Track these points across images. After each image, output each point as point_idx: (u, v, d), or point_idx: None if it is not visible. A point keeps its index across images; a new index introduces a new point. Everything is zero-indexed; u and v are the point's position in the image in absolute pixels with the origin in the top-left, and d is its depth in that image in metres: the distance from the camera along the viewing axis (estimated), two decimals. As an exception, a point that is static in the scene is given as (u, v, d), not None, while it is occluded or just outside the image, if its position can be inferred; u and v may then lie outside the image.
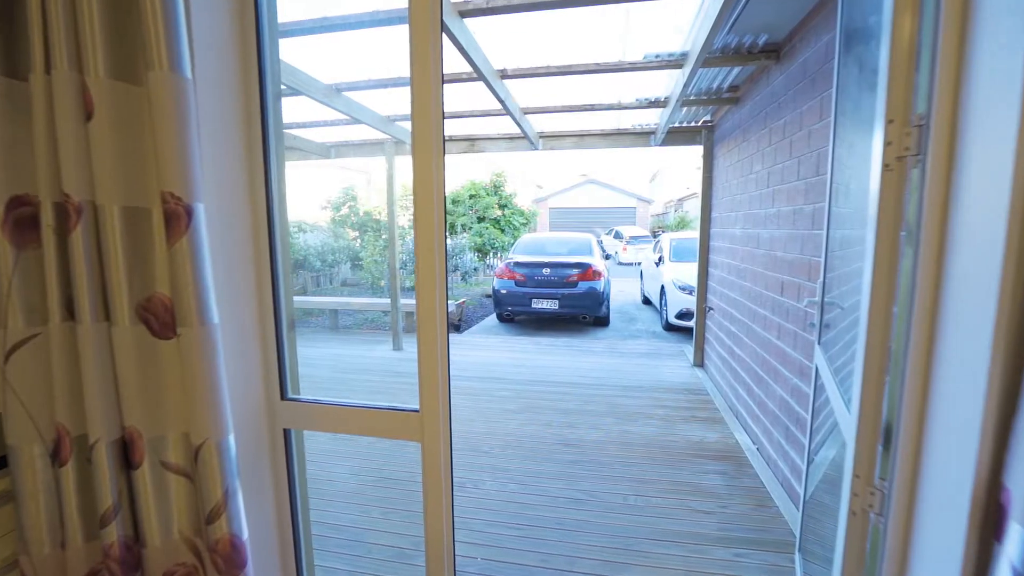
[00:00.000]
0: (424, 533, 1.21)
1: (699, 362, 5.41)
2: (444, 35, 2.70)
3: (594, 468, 3.12)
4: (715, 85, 4.07)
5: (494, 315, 8.59)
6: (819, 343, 1.82)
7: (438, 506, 1.19)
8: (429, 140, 1.09)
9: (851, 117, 1.76)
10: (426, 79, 1.08)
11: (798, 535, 2.11)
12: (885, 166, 0.95)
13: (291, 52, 3.19)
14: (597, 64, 3.38)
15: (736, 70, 3.73)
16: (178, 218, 0.95)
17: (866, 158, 1.90)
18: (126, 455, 1.03)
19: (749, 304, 3.66)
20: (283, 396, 1.27)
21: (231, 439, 1.05)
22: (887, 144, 0.95)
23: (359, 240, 11.89)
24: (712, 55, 3.20)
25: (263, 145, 1.20)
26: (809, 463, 1.93)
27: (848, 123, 1.78)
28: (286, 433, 1.29)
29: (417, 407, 1.17)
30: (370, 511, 2.68)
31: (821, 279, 1.85)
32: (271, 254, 1.23)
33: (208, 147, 1.08)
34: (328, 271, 12.22)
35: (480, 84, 3.59)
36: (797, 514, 2.50)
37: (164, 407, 1.04)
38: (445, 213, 1.13)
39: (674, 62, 3.27)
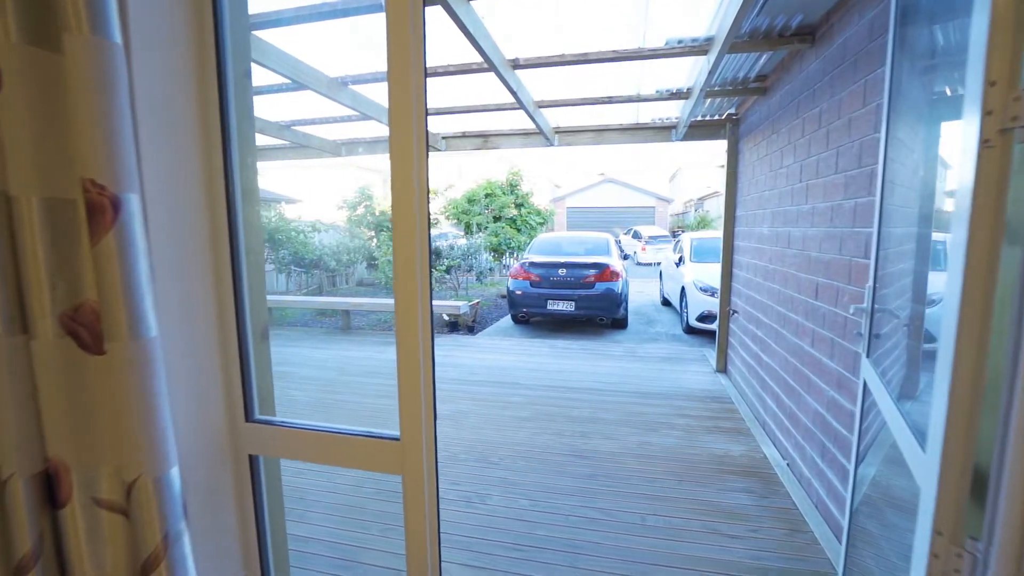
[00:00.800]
0: (407, 580, 1.04)
1: (722, 368, 5.15)
2: (451, 20, 2.54)
3: (610, 483, 2.91)
4: (741, 75, 3.83)
5: (509, 316, 8.41)
6: (868, 356, 1.59)
7: (421, 548, 1.01)
8: (410, 141, 0.92)
9: (909, 98, 1.54)
10: (405, 71, 0.90)
11: (840, 571, 1.88)
12: (983, 142, 0.74)
13: (293, 44, 3.06)
14: (615, 52, 3.17)
15: (765, 57, 3.48)
16: (102, 211, 0.79)
17: (930, 143, 1.67)
18: (51, 491, 0.88)
19: (778, 308, 3.41)
20: (248, 417, 1.11)
21: (174, 473, 0.88)
22: (986, 114, 0.74)
23: (375, 240, 11.84)
24: (740, 39, 2.97)
25: (222, 128, 1.03)
26: (855, 493, 1.70)
27: (905, 106, 1.56)
28: (252, 460, 1.13)
29: (397, 434, 1.00)
30: (369, 527, 2.52)
31: (870, 283, 1.62)
32: (232, 254, 1.06)
33: (150, 129, 0.92)
34: (344, 271, 12.19)
35: (491, 76, 3.42)
36: (836, 543, 2.27)
37: (98, 434, 0.88)
38: (428, 219, 0.96)
39: (698, 48, 3.04)
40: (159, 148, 0.93)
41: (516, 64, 3.33)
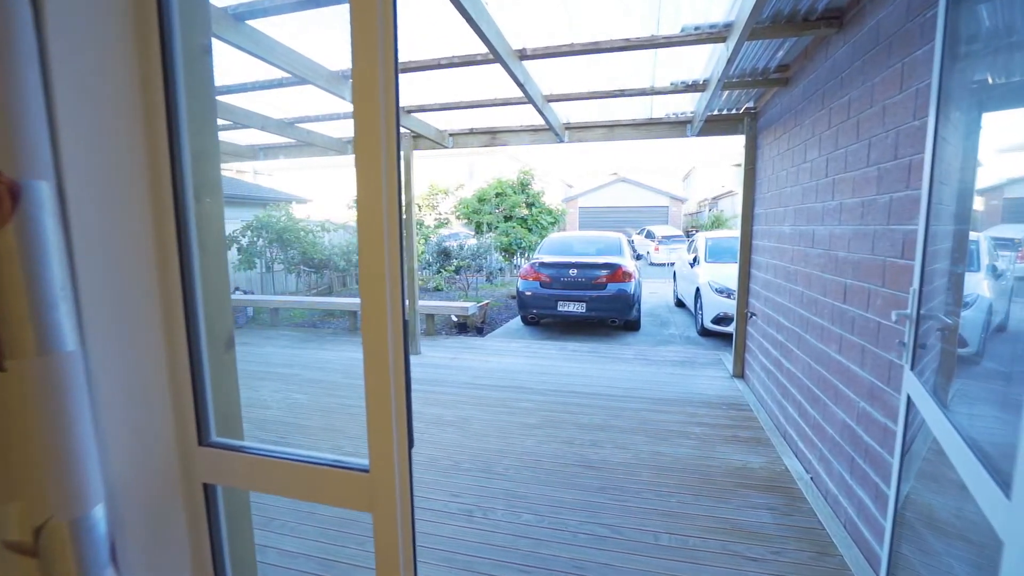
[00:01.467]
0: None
1: (739, 373, 4.94)
2: (451, 4, 2.39)
3: (620, 497, 2.74)
4: (761, 65, 3.63)
5: (518, 318, 8.25)
6: (912, 368, 1.41)
7: (396, 600, 0.87)
8: (377, 142, 0.78)
9: (949, 85, 1.36)
10: (372, 63, 0.76)
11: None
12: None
13: (292, 36, 2.95)
14: (627, 40, 2.99)
15: (787, 45, 3.28)
16: (-3, 200, 0.65)
17: (969, 134, 1.49)
18: (-48, 533, 0.74)
19: (801, 311, 3.21)
20: (202, 440, 0.97)
21: (96, 513, 0.75)
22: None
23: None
24: (761, 24, 2.78)
25: (167, 112, 0.89)
26: (896, 521, 1.52)
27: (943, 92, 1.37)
28: (209, 488, 0.99)
29: (366, 464, 0.85)
30: (365, 543, 2.38)
31: (915, 286, 1.44)
32: (182, 255, 0.92)
33: (71, 109, 0.78)
34: (354, 271, 12.14)
35: (497, 68, 3.26)
36: (869, 569, 2.08)
37: (5, 467, 0.75)
38: (400, 224, 0.81)
39: (716, 34, 2.86)
40: (84, 131, 0.80)
41: (523, 54, 3.17)
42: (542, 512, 2.61)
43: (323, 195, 14.93)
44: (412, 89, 4.19)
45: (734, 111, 4.88)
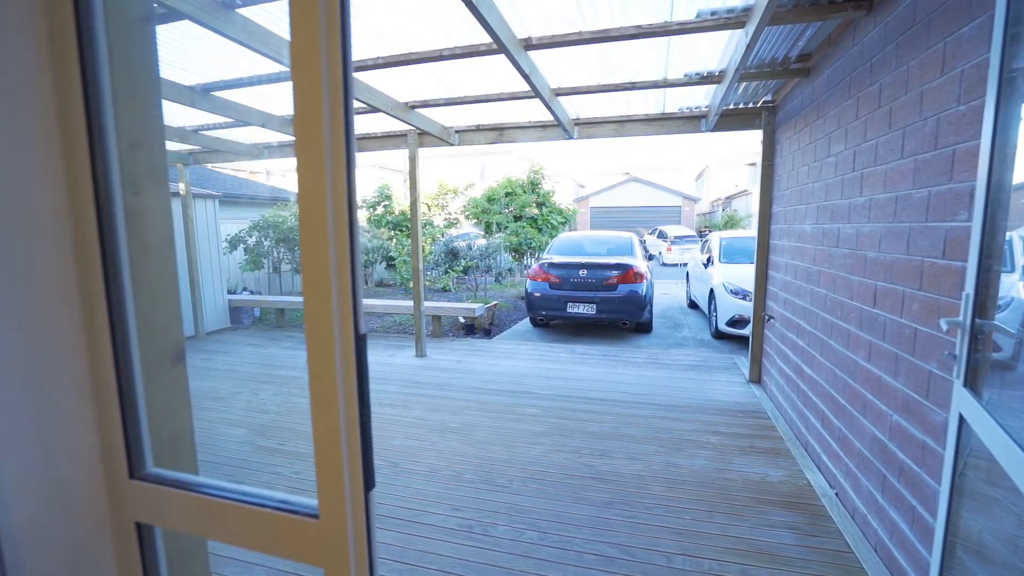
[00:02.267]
0: None
1: (756, 378, 4.73)
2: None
3: (631, 513, 2.57)
4: (780, 54, 3.43)
5: (527, 319, 8.10)
6: (965, 384, 1.23)
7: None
8: (320, 147, 0.63)
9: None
10: (312, 53, 0.61)
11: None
12: None
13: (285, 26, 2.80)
14: (639, 27, 2.83)
15: (809, 33, 3.08)
16: None
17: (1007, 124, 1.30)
18: None
19: (824, 314, 3.01)
20: (134, 472, 0.83)
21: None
22: None
23: (394, 239, 11.67)
24: (782, 8, 2.59)
25: (84, 93, 0.75)
26: (945, 551, 1.33)
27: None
28: (143, 530, 0.85)
29: (316, 508, 0.70)
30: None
31: (968, 291, 1.25)
32: (105, 259, 0.78)
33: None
34: (363, 271, 12.08)
35: (503, 59, 3.12)
36: (905, 602, 1.88)
37: None
38: (352, 233, 0.65)
39: (734, 19, 2.67)
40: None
41: (529, 44, 3.02)
42: (546, 529, 2.45)
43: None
44: (414, 83, 4.05)
45: (751, 105, 4.67)
